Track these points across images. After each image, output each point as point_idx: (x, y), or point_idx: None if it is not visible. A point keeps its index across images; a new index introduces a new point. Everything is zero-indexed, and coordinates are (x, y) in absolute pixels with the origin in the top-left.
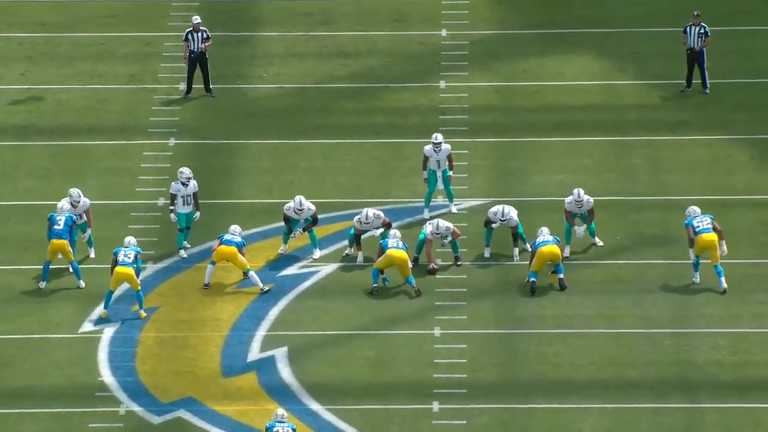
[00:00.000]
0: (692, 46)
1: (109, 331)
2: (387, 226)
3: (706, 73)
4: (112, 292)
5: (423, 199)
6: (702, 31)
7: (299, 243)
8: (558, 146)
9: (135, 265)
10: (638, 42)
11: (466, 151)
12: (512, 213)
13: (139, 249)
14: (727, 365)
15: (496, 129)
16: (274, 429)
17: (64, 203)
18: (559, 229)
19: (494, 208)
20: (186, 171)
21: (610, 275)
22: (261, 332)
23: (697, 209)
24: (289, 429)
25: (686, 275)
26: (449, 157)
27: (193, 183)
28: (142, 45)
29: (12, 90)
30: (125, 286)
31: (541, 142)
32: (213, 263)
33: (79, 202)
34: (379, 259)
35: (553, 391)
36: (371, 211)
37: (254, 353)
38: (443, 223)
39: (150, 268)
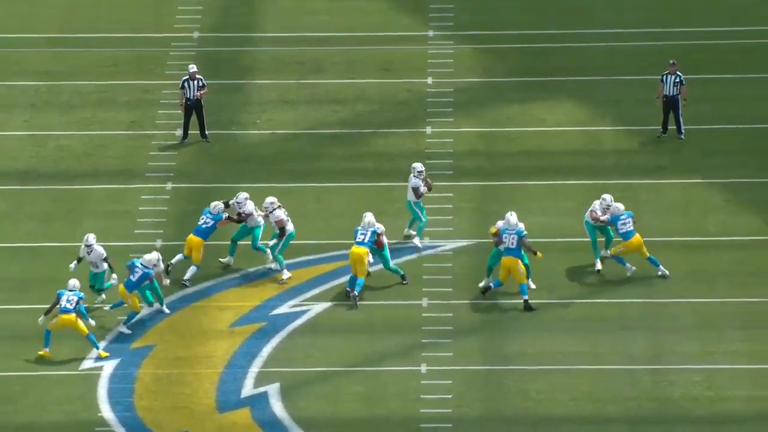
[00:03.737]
0: (668, 93)
1: (108, 368)
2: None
3: (681, 119)
4: (49, 332)
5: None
6: (678, 80)
7: (293, 282)
8: (540, 190)
9: (77, 311)
10: (616, 89)
11: (450, 194)
12: (512, 218)
13: (81, 294)
14: (702, 401)
15: (480, 173)
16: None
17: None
18: (544, 273)
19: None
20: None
21: (592, 313)
22: (254, 369)
23: (620, 206)
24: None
25: (664, 313)
26: (426, 181)
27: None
28: (141, 92)
29: (15, 136)
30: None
31: (523, 185)
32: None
33: (91, 247)
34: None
35: (536, 427)
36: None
37: (248, 389)
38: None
39: (146, 308)
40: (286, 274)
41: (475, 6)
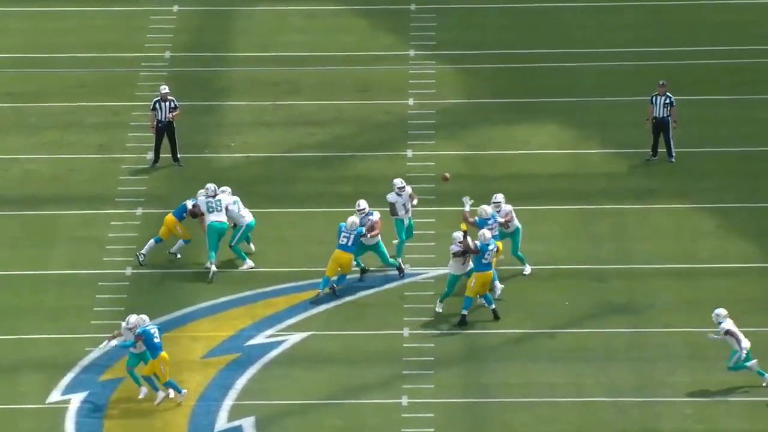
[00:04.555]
0: (658, 115)
1: (76, 401)
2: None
3: (672, 142)
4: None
5: (393, 263)
6: (668, 101)
7: (269, 311)
8: (524, 215)
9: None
10: (603, 111)
11: (433, 220)
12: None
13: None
14: None
15: (464, 196)
16: None
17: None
18: (528, 301)
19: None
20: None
21: (576, 343)
22: (228, 402)
23: (488, 209)
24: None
25: (652, 343)
26: (411, 195)
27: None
28: (111, 114)
29: None
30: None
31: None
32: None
33: (131, 329)
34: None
35: None
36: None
37: (221, 423)
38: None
39: (118, 339)
40: (248, 264)
41: (458, 25)
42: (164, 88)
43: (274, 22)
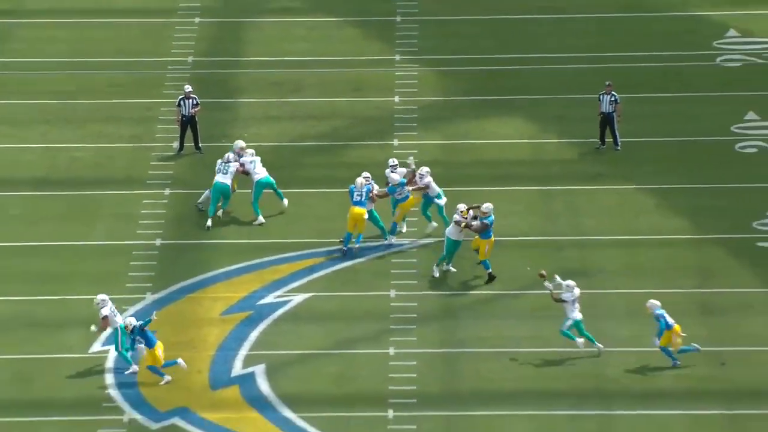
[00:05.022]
0: (604, 110)
1: (113, 352)
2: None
3: (617, 133)
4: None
5: (382, 239)
6: (613, 99)
7: (277, 276)
8: (493, 195)
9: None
10: (560, 107)
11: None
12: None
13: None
14: (635, 378)
15: (441, 180)
16: None
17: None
18: (496, 267)
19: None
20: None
21: (537, 303)
22: (243, 352)
23: (396, 177)
24: None
25: (599, 303)
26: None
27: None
28: (142, 110)
29: (33, 148)
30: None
31: (479, 191)
32: None
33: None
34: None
35: (488, 401)
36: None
37: (237, 369)
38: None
39: (149, 298)
40: (259, 220)
41: (437, 34)
42: (188, 88)
43: (280, 32)
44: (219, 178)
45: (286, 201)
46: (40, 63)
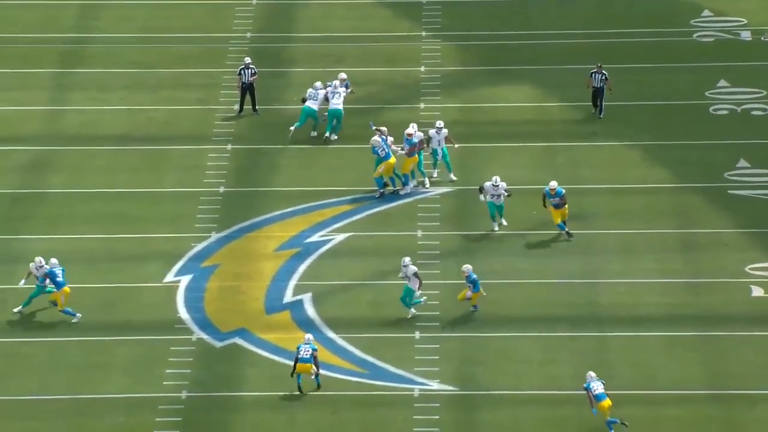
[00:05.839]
0: (596, 85)
1: (184, 281)
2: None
3: (603, 105)
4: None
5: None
6: (603, 77)
7: (320, 218)
8: (505, 150)
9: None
10: (561, 76)
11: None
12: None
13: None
14: (624, 306)
15: (461, 137)
16: (301, 348)
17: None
18: (511, 213)
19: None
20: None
21: (541, 241)
22: (293, 282)
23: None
24: (310, 349)
25: (594, 241)
26: (447, 138)
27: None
28: (208, 78)
29: (113, 110)
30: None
31: (492, 147)
32: None
33: (39, 269)
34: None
35: (500, 325)
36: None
37: (288, 297)
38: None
39: (214, 237)
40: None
41: (458, 13)
42: (247, 59)
43: (325, 12)
44: (309, 103)
45: (334, 137)
46: (121, 38)
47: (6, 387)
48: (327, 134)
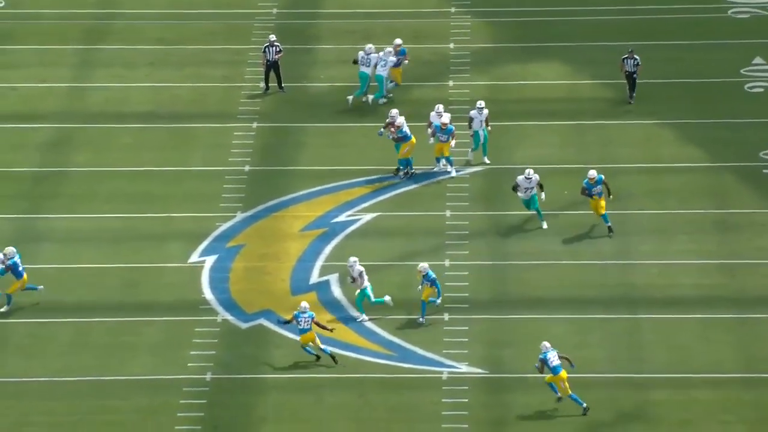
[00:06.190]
0: (629, 70)
1: (209, 261)
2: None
3: (635, 89)
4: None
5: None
6: (635, 62)
7: (348, 198)
8: (534, 128)
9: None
10: (592, 53)
11: (468, 132)
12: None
13: (312, 314)
14: (658, 287)
15: (491, 116)
16: (300, 319)
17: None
18: (546, 190)
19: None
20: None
21: (573, 222)
22: (319, 263)
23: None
24: (309, 318)
25: (627, 221)
26: (487, 120)
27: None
28: (233, 54)
29: (139, 87)
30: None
31: (522, 125)
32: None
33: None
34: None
35: (530, 307)
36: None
37: (314, 277)
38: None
39: (239, 216)
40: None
41: None
42: (272, 37)
43: None
44: (362, 68)
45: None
46: (146, 14)
47: (30, 368)
48: (370, 98)
